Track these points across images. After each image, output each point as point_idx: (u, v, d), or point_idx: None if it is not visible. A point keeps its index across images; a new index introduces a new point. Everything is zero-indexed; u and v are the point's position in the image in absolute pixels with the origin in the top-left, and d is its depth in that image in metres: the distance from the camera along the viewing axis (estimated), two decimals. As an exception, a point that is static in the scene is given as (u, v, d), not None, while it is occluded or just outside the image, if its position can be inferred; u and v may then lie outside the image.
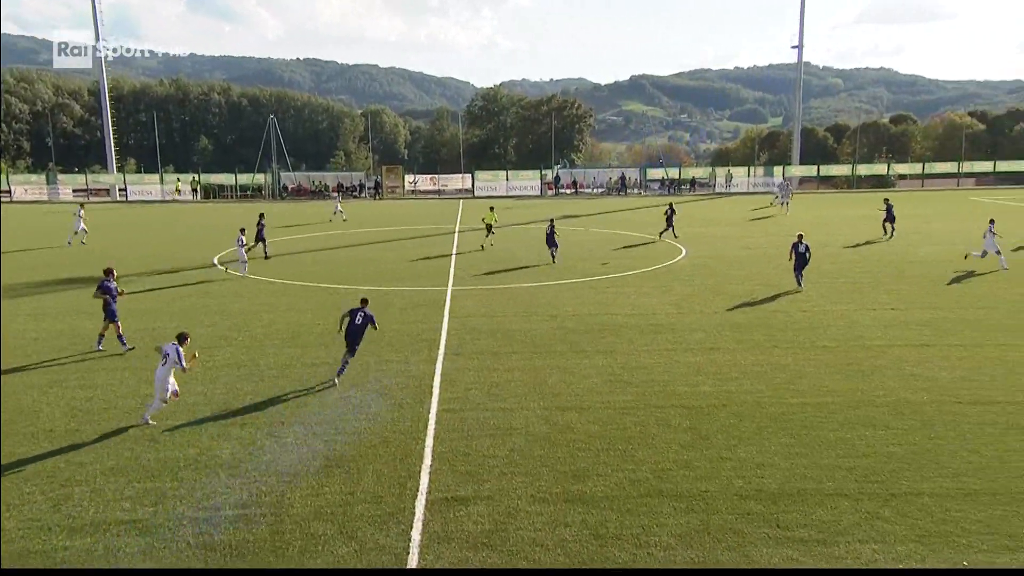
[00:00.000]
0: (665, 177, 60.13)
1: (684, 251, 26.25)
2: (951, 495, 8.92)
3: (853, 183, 59.30)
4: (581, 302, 18.20)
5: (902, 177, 60.25)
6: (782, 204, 41.20)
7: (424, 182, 60.46)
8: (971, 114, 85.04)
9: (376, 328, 12.55)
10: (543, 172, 60.03)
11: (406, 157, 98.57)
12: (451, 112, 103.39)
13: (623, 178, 59.38)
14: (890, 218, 28.92)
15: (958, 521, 8.42)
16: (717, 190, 57.99)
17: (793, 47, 62.63)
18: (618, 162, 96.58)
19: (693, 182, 59.91)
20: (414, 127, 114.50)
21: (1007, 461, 9.51)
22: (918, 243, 27.67)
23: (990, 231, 22.07)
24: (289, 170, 65.61)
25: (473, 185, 58.05)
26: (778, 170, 58.71)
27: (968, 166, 58.94)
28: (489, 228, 28.06)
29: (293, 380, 12.55)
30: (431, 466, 9.55)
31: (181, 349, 10.60)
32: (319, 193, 58.18)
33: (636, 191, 58.91)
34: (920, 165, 60.06)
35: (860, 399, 11.75)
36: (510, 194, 57.14)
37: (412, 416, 11.07)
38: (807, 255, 19.16)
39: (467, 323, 16.07)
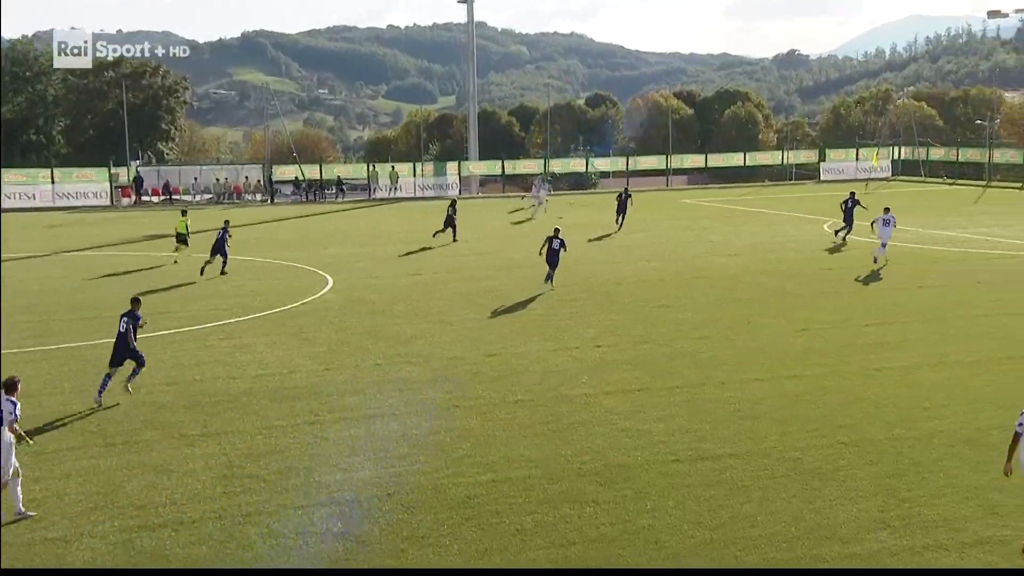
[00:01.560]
0: (301, 178, 58.72)
1: (330, 282, 25.90)
2: (671, 586, 9.29)
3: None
4: (182, 362, 17.09)
5: (604, 175, 68.04)
6: (539, 205, 45.87)
7: None
8: (678, 95, 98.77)
9: None
10: (114, 172, 55.14)
11: None
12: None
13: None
14: (622, 209, 38.14)
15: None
16: (379, 195, 57.96)
17: (460, 0, 64.33)
18: (232, 156, 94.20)
19: (340, 185, 58.31)
20: None
21: (731, 531, 10.24)
22: (626, 260, 30.95)
23: (883, 220, 27.42)
24: None
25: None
26: (452, 166, 60.89)
27: (678, 160, 68.58)
28: (181, 239, 29.87)
29: None
30: None
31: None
32: None
33: (257, 197, 57.11)
34: (624, 160, 68.14)
35: (563, 467, 12.00)
36: (59, 204, 51.79)
37: None
38: (560, 252, 23.40)
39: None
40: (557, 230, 25.17)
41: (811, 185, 63.37)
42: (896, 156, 68.00)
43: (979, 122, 75.61)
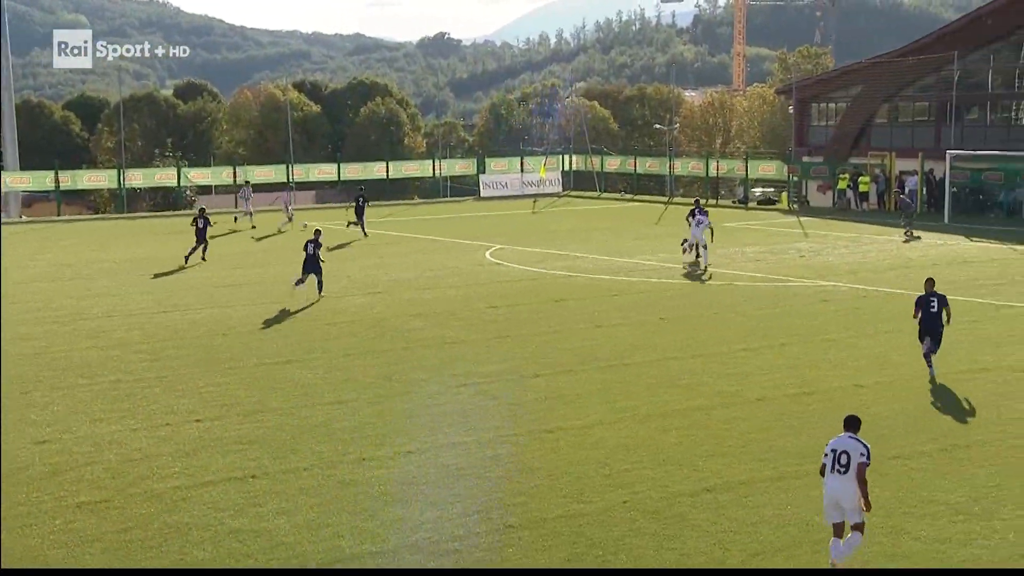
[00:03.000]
0: None
1: None
2: None
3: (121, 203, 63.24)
4: None
5: (204, 191, 66.79)
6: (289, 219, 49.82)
7: None
8: (299, 86, 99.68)
9: None
10: None
11: None
12: None
13: None
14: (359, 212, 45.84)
15: None
16: None
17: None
18: None
19: None
20: None
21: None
22: (232, 302, 30.55)
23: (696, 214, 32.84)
24: None
25: None
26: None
27: (303, 171, 68.63)
28: None
29: None
30: None
31: None
32: None
33: None
34: (231, 170, 67.25)
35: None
36: None
37: None
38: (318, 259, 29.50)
39: None
40: (317, 230, 30.68)
41: (471, 202, 66.78)
42: (567, 167, 73.72)
43: (658, 126, 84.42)
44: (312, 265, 29.95)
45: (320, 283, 30.14)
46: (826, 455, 11.98)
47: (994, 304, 28.38)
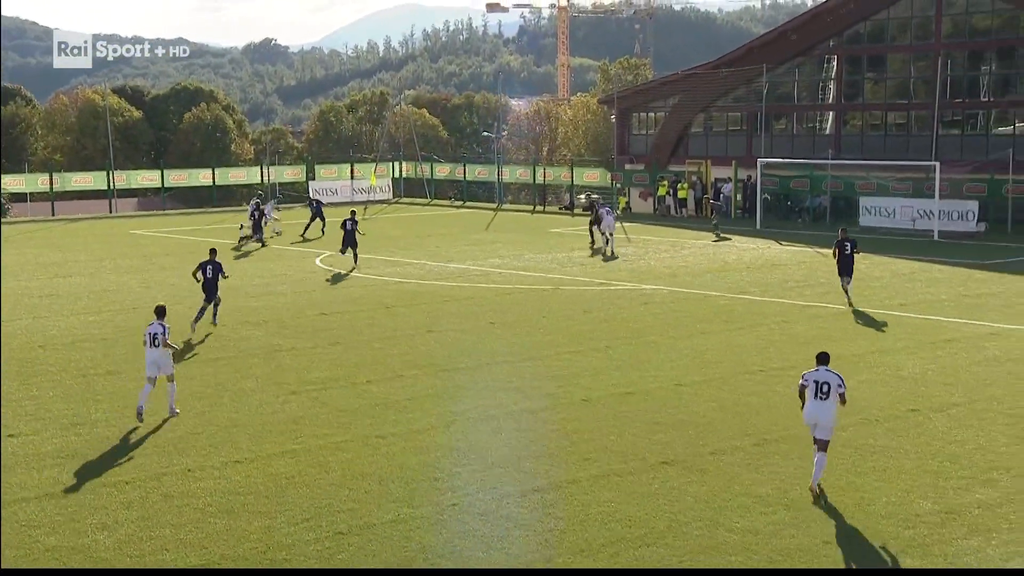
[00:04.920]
0: None
1: None
2: None
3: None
4: None
5: (20, 198, 63.94)
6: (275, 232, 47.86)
7: None
8: (120, 92, 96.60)
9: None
10: None
11: None
12: None
13: None
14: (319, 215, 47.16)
15: None
16: None
17: None
18: None
19: None
20: None
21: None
22: (53, 313, 29.41)
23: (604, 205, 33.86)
24: None
25: None
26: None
27: (124, 178, 66.86)
28: None
29: None
30: None
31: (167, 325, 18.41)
32: None
33: None
34: (47, 177, 64.35)
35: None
36: None
37: None
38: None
39: None
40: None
41: (300, 209, 65.90)
42: (398, 174, 73.59)
43: (486, 134, 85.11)
44: (350, 240, 36.83)
45: (356, 255, 36.95)
46: (806, 383, 14.77)
47: (802, 304, 29.62)
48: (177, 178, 67.58)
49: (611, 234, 41.91)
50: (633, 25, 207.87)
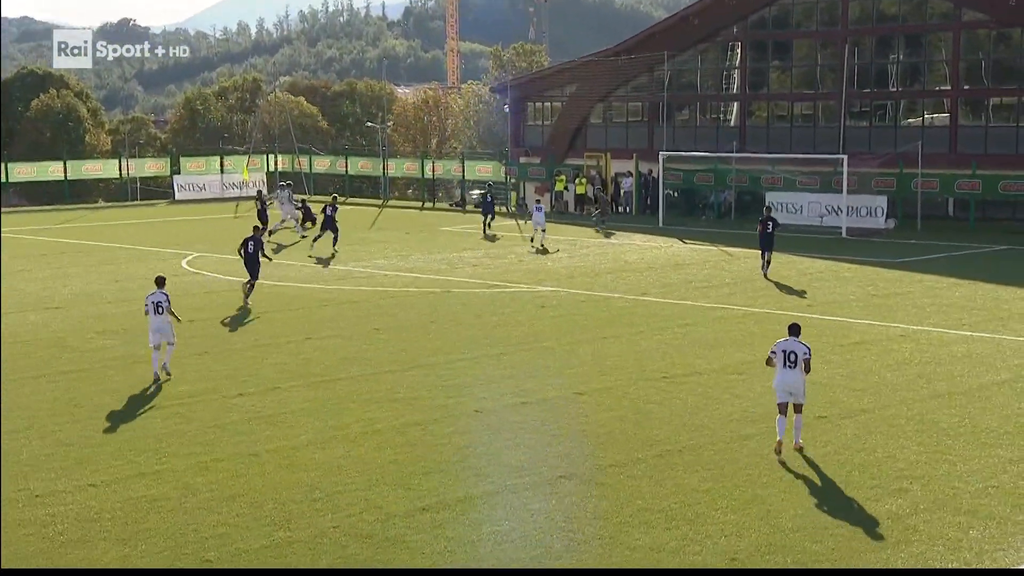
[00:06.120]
0: None
1: None
2: None
3: None
4: None
5: None
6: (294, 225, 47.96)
7: None
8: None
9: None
10: None
11: None
12: None
13: None
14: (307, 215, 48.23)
15: None
16: None
17: None
18: None
19: None
20: None
21: None
22: None
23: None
24: None
25: None
26: None
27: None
28: None
29: None
30: None
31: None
32: None
33: None
34: None
35: None
36: None
37: None
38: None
39: None
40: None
41: (164, 206, 64.79)
42: (273, 167, 72.78)
43: (370, 124, 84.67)
44: (329, 224, 41.12)
45: (336, 239, 41.36)
46: (775, 353, 17.03)
47: (706, 306, 30.13)
48: (23, 172, 65.90)
49: (543, 230, 43.52)
50: (527, 8, 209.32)
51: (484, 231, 48.31)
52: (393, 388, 21.43)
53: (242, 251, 30.67)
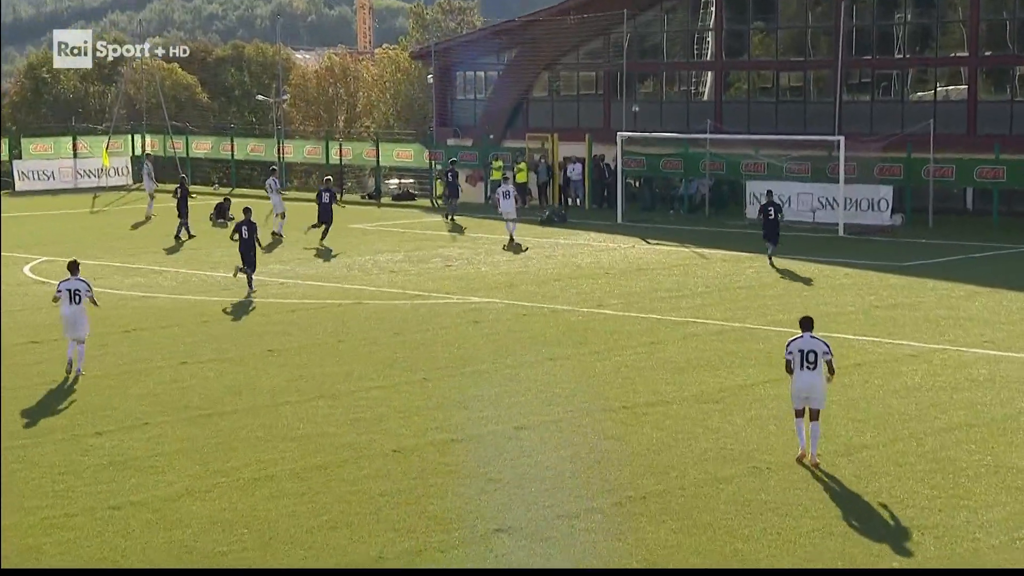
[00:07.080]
0: None
1: None
2: None
3: None
4: None
5: None
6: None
7: None
8: None
9: None
10: None
11: None
12: None
13: None
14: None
15: None
16: None
17: None
18: None
19: None
20: None
21: None
22: None
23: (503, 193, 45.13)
24: None
25: None
26: None
27: None
28: None
29: None
30: None
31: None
32: None
33: None
34: None
35: None
36: None
37: None
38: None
39: None
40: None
41: (2, 198, 63.98)
42: (140, 150, 72.04)
43: (261, 97, 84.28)
44: (326, 214, 44.58)
45: (326, 232, 44.55)
46: (791, 354, 18.04)
47: (675, 321, 30.31)
48: None
49: (512, 220, 45.26)
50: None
51: (448, 217, 52.09)
52: (292, 423, 21.34)
53: (236, 237, 33.93)
